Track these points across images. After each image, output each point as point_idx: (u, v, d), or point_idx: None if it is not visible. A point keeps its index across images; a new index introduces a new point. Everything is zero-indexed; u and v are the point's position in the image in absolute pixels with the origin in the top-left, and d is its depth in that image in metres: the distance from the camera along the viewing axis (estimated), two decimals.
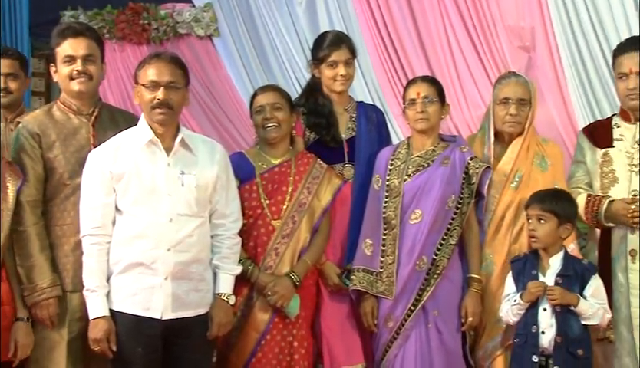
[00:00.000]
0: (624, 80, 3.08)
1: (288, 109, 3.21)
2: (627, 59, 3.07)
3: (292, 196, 3.15)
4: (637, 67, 3.03)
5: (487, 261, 3.22)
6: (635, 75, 3.04)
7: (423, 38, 4.42)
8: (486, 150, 3.30)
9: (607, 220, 3.11)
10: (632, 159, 3.13)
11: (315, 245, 3.17)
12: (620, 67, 3.11)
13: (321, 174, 3.21)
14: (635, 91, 3.05)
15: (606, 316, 2.98)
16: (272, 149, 3.22)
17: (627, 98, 3.11)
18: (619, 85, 3.12)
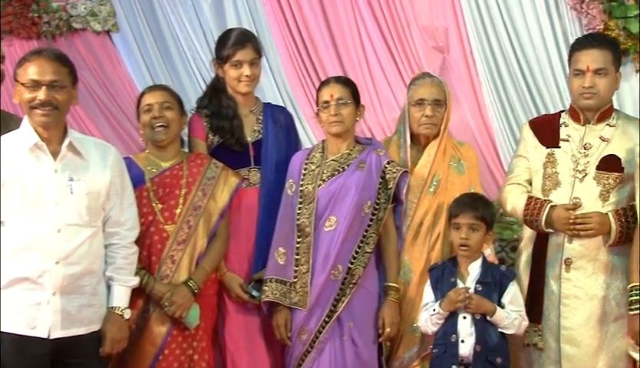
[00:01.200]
0: (579, 77, 3.02)
1: (178, 109, 3.11)
2: (584, 56, 3.01)
3: (186, 199, 3.03)
4: (595, 64, 2.99)
5: (405, 269, 3.18)
6: (591, 73, 3.00)
7: (335, 38, 4.35)
8: (403, 153, 3.26)
9: (546, 226, 3.06)
10: (577, 164, 3.08)
11: (213, 250, 3.06)
12: (577, 63, 3.04)
13: (216, 174, 3.10)
14: (591, 90, 3.01)
15: (523, 323, 2.98)
16: (162, 151, 3.10)
17: (581, 96, 3.05)
18: (574, 82, 3.05)
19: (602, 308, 3.00)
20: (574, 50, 3.06)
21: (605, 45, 3.04)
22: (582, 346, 3.02)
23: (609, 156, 3.03)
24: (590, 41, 3.05)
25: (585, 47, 3.01)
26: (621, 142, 3.03)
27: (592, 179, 3.03)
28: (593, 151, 3.05)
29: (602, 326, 3.01)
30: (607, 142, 3.04)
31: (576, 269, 3.02)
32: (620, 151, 3.02)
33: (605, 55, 3.00)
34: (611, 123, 3.07)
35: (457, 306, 2.91)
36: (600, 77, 2.99)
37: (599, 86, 2.99)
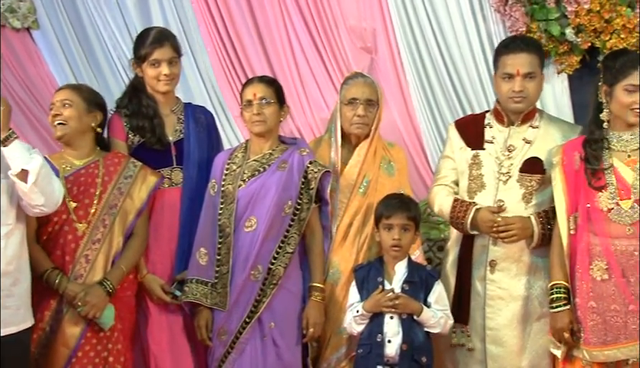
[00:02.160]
0: (508, 81, 3.07)
1: (83, 108, 3.07)
2: (513, 60, 3.05)
3: (101, 198, 3.02)
4: (524, 68, 3.04)
5: (334, 270, 3.20)
6: (521, 77, 3.04)
7: (263, 37, 4.36)
8: (333, 153, 3.29)
9: (472, 228, 3.11)
10: (501, 167, 3.13)
11: (130, 249, 3.05)
12: (505, 67, 3.07)
13: (134, 173, 3.09)
14: (521, 94, 3.06)
15: (449, 322, 3.04)
16: (72, 150, 3.08)
17: (510, 100, 3.09)
18: (502, 85, 3.08)
19: (526, 308, 3.07)
20: (501, 54, 3.09)
21: (533, 49, 3.10)
22: (507, 345, 3.08)
23: (532, 158, 3.09)
24: (518, 44, 3.09)
25: (513, 51, 3.05)
26: (543, 144, 3.10)
27: (516, 181, 3.08)
28: (517, 153, 3.11)
29: (525, 326, 3.07)
30: (530, 144, 3.11)
31: (501, 270, 3.09)
32: (542, 153, 3.08)
33: (532, 59, 3.06)
34: (534, 125, 3.14)
35: (384, 308, 2.95)
36: (529, 80, 3.05)
37: (529, 89, 3.06)
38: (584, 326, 2.84)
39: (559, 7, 3.72)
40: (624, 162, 2.84)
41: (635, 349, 2.76)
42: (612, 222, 2.81)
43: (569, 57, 3.79)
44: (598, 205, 2.83)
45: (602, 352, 2.80)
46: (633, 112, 2.79)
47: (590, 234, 2.84)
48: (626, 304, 2.77)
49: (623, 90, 2.80)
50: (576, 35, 3.69)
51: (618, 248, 2.79)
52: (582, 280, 2.85)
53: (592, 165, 2.85)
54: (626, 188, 2.80)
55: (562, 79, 3.86)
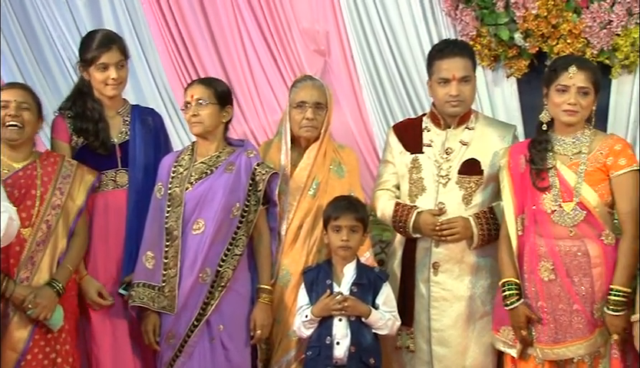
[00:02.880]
0: (444, 86, 3.13)
1: (36, 112, 3.07)
2: (449, 64, 3.11)
3: (43, 199, 3.01)
4: (460, 73, 3.11)
5: (284, 272, 3.22)
6: (457, 81, 3.11)
7: (216, 38, 4.36)
8: (283, 156, 3.31)
9: (414, 231, 3.18)
10: (440, 170, 3.20)
11: (74, 249, 3.06)
12: (441, 72, 3.13)
13: (71, 172, 3.09)
14: (458, 98, 3.12)
15: (396, 324, 3.08)
16: (14, 152, 3.05)
17: (447, 104, 3.15)
18: (439, 90, 3.14)
19: (469, 308, 3.14)
20: (435, 59, 3.15)
21: (466, 53, 3.17)
22: (452, 345, 3.15)
23: (469, 160, 3.16)
24: (452, 49, 3.15)
25: (447, 56, 3.12)
26: (480, 145, 3.17)
27: (455, 183, 3.16)
28: (454, 155, 3.18)
29: (469, 325, 3.15)
30: (467, 146, 3.18)
31: (444, 272, 3.15)
32: (479, 154, 3.16)
33: (466, 63, 3.14)
34: (470, 127, 3.21)
35: (333, 312, 2.98)
36: (464, 84, 3.12)
37: (465, 93, 3.12)
38: (535, 325, 2.92)
39: (508, 12, 3.79)
40: (566, 165, 2.92)
41: (582, 348, 2.85)
42: (555, 224, 2.89)
43: (518, 61, 3.86)
44: (542, 206, 2.91)
45: (553, 350, 2.88)
46: (564, 112, 2.88)
47: (536, 236, 2.92)
48: (571, 304, 2.86)
49: (555, 91, 2.89)
50: (525, 40, 3.76)
51: (562, 249, 2.88)
52: (530, 280, 2.93)
53: (537, 165, 2.93)
54: (568, 190, 2.89)
55: (511, 82, 3.93)
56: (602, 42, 3.60)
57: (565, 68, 2.88)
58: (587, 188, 2.87)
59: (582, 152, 2.91)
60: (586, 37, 3.63)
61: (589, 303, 2.85)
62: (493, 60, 3.94)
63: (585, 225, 2.87)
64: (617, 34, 3.57)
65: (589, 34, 3.62)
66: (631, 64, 3.63)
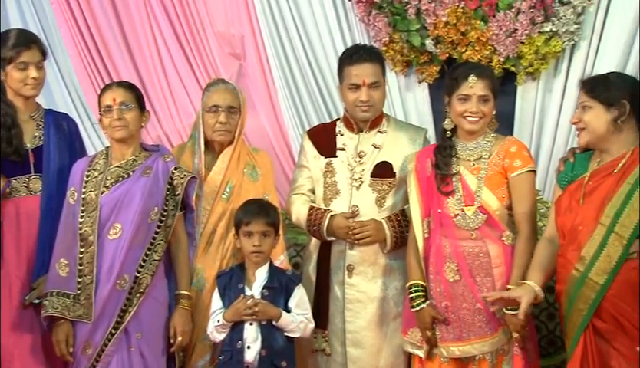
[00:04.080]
0: (355, 91, 3.25)
1: None
2: (358, 70, 3.24)
3: None
4: (369, 78, 3.24)
5: (198, 277, 3.28)
6: (367, 87, 3.24)
7: (129, 40, 4.37)
8: (197, 160, 3.36)
9: (328, 235, 3.29)
10: (354, 173, 3.32)
11: None
12: (351, 78, 3.25)
13: None
14: (368, 103, 3.26)
15: (309, 326, 3.17)
16: None
17: (357, 109, 3.28)
18: (349, 95, 3.27)
19: (382, 309, 3.29)
20: (346, 64, 3.29)
21: (376, 58, 3.33)
22: (366, 347, 3.28)
23: (382, 163, 3.31)
24: (361, 55, 3.29)
25: (357, 62, 3.25)
26: (392, 148, 3.33)
27: (368, 186, 3.30)
28: (367, 158, 3.32)
29: (382, 326, 3.29)
30: (379, 149, 3.33)
31: (358, 274, 3.28)
32: (391, 157, 3.32)
33: (376, 68, 3.29)
34: (382, 130, 3.37)
35: (244, 316, 3.04)
36: (374, 89, 3.27)
37: (375, 98, 3.28)
38: (440, 325, 3.07)
39: (420, 19, 3.94)
40: (469, 170, 3.10)
41: (486, 346, 3.02)
42: (459, 227, 3.06)
43: (429, 67, 4.01)
44: (446, 210, 3.08)
45: (458, 347, 3.04)
46: (466, 120, 3.06)
47: (442, 238, 3.09)
48: (474, 303, 3.03)
49: (457, 100, 3.07)
50: (435, 46, 3.92)
51: (465, 250, 3.04)
52: (436, 281, 3.09)
53: (441, 170, 3.10)
54: (470, 195, 3.06)
55: (422, 88, 4.09)
56: (507, 50, 3.79)
57: (465, 78, 3.05)
58: (487, 192, 3.04)
59: (483, 157, 3.08)
60: (493, 44, 3.82)
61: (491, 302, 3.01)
62: (405, 65, 4.08)
63: (486, 227, 3.04)
64: (522, 43, 3.77)
65: (496, 41, 3.81)
66: (535, 71, 3.84)
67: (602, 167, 2.84)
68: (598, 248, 2.73)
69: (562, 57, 3.82)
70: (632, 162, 2.77)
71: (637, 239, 2.71)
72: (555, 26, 3.72)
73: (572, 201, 2.85)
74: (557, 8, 3.71)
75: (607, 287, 2.71)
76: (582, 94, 2.86)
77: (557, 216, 2.90)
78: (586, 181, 2.84)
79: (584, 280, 2.74)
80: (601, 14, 3.73)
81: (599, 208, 2.76)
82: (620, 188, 2.75)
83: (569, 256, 2.81)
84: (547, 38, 3.75)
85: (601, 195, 2.78)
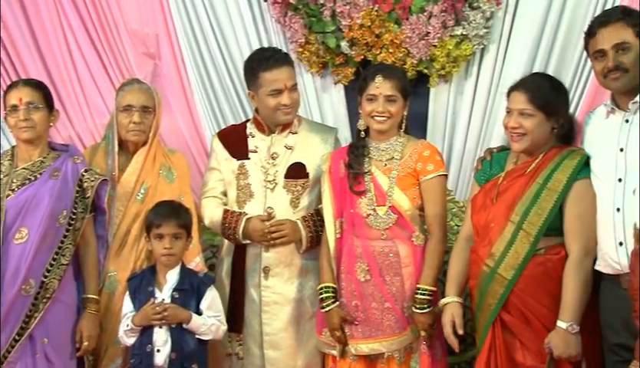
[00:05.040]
0: (276, 96, 3.29)
1: None
2: (277, 75, 3.28)
3: None
4: (290, 81, 3.29)
5: (111, 279, 3.28)
6: (288, 91, 3.28)
7: (38, 39, 4.27)
8: (110, 160, 3.35)
9: (244, 237, 3.31)
10: (267, 175, 3.36)
11: None
12: (271, 84, 3.28)
13: None
14: (290, 106, 3.31)
15: (222, 328, 3.19)
16: None
17: (280, 112, 3.32)
18: (271, 101, 3.29)
19: (299, 310, 3.34)
20: (262, 71, 3.30)
21: (290, 61, 3.38)
22: (283, 348, 3.33)
23: (295, 164, 3.36)
24: (277, 59, 3.33)
25: (275, 66, 3.29)
26: (304, 149, 3.39)
27: (282, 187, 3.34)
28: (280, 160, 3.37)
29: (299, 327, 3.34)
30: (292, 150, 3.38)
31: (274, 276, 3.32)
32: (304, 157, 3.37)
33: (292, 70, 3.35)
34: (293, 131, 3.42)
35: (153, 321, 3.04)
36: (294, 92, 3.33)
37: (296, 100, 3.34)
38: (349, 324, 3.14)
39: (335, 20, 3.98)
40: (381, 170, 3.18)
41: (394, 344, 3.11)
42: (370, 227, 3.14)
43: (345, 68, 4.06)
44: (359, 210, 3.16)
45: (367, 345, 3.12)
46: (374, 120, 3.14)
47: (354, 238, 3.16)
48: (383, 302, 3.11)
49: (366, 100, 3.16)
50: (350, 48, 3.97)
51: (376, 250, 3.12)
52: (347, 280, 3.17)
53: (354, 170, 3.17)
54: (382, 194, 3.15)
55: (338, 89, 4.13)
56: (420, 52, 3.88)
57: (373, 78, 3.14)
58: (399, 192, 3.13)
59: (395, 158, 3.17)
60: (407, 47, 3.90)
61: (400, 301, 3.11)
62: (321, 66, 4.12)
63: (396, 227, 3.13)
64: (434, 46, 3.86)
65: (409, 44, 3.89)
66: (447, 73, 3.93)
67: (516, 167, 2.96)
68: (508, 244, 2.86)
69: (473, 60, 3.92)
70: (543, 163, 2.90)
71: (544, 236, 2.83)
72: (466, 30, 3.83)
73: (487, 199, 2.96)
74: (467, 12, 3.81)
75: (514, 282, 2.83)
76: (521, 100, 2.90)
77: (472, 214, 3.02)
78: (501, 180, 2.96)
79: (493, 275, 2.86)
80: (508, 18, 3.85)
81: (510, 207, 2.88)
82: (530, 187, 2.87)
83: (481, 252, 2.92)
84: (458, 42, 3.85)
85: (512, 193, 2.90)
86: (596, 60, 2.82)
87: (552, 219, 2.83)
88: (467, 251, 3.01)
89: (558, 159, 2.89)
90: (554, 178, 2.86)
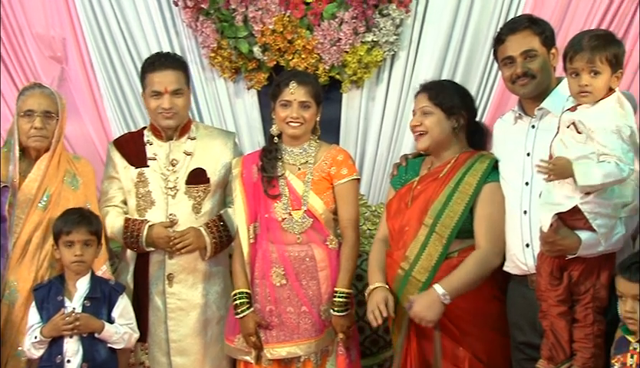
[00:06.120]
0: (157, 98, 3.27)
1: None
2: (160, 77, 3.28)
3: None
4: (172, 86, 3.26)
5: (11, 289, 3.17)
6: (169, 94, 3.26)
7: None
8: (12, 167, 3.23)
9: (147, 245, 3.28)
10: (168, 182, 3.33)
11: None
12: (153, 85, 3.28)
13: None
14: (171, 110, 3.28)
15: (134, 336, 3.15)
16: None
17: (160, 116, 3.30)
18: (152, 102, 3.28)
19: (205, 315, 3.33)
20: (148, 72, 3.32)
21: (179, 66, 3.37)
22: (191, 354, 3.31)
23: (196, 170, 3.36)
24: (163, 62, 3.34)
25: (159, 69, 3.30)
26: (204, 154, 3.38)
27: (184, 193, 3.33)
28: (180, 166, 3.36)
29: (206, 332, 3.33)
30: (191, 156, 3.37)
31: (178, 283, 3.30)
32: (204, 163, 3.37)
33: (179, 75, 3.34)
34: (192, 137, 3.41)
35: (64, 331, 2.97)
36: (177, 97, 3.31)
37: (178, 105, 3.31)
38: (264, 329, 3.14)
39: (247, 26, 3.98)
40: (295, 175, 3.20)
41: (311, 347, 3.13)
42: (285, 231, 3.15)
43: (258, 74, 4.06)
44: (274, 214, 3.16)
45: (284, 348, 3.12)
46: (288, 125, 3.17)
47: (268, 243, 3.16)
48: (299, 306, 3.13)
49: (280, 106, 3.17)
50: (263, 53, 3.97)
51: (292, 254, 3.14)
52: (262, 285, 3.16)
53: (268, 173, 3.18)
54: (297, 198, 3.16)
55: (252, 94, 4.13)
56: (332, 58, 3.92)
57: (287, 84, 3.16)
58: (314, 196, 3.16)
59: (309, 162, 3.20)
60: (319, 53, 3.93)
61: (317, 304, 3.14)
62: (234, 72, 4.10)
63: (311, 231, 3.15)
64: (345, 52, 3.91)
65: (321, 50, 3.92)
66: (359, 79, 3.98)
67: (429, 172, 3.02)
68: (421, 247, 2.91)
69: (384, 66, 3.98)
70: (455, 167, 2.97)
71: (456, 239, 2.89)
72: (376, 36, 3.88)
73: (402, 204, 3.01)
74: (377, 19, 3.87)
75: (428, 284, 2.87)
76: (423, 99, 3.01)
77: (388, 218, 3.06)
78: (415, 185, 3.02)
79: (408, 278, 2.90)
80: (417, 25, 3.93)
81: (424, 210, 2.93)
82: (442, 191, 2.93)
83: (395, 256, 2.96)
84: (369, 48, 3.91)
85: (426, 197, 2.95)
86: (505, 66, 2.91)
87: (464, 221, 2.90)
88: (384, 252, 3.05)
89: (469, 163, 2.97)
90: (465, 181, 2.93)
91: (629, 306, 2.42)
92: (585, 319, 2.60)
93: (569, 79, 2.59)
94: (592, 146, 2.50)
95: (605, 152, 2.47)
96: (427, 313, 2.79)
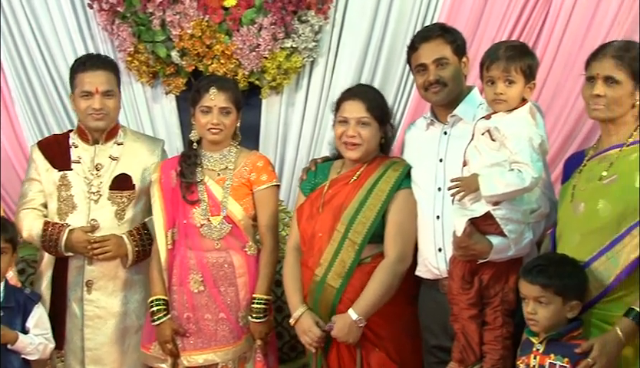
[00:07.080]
0: (87, 98, 3.22)
1: None
2: (90, 77, 3.22)
3: None
4: (103, 86, 3.22)
5: None
6: (100, 95, 3.22)
7: None
8: None
9: (67, 250, 3.21)
10: (91, 186, 3.28)
11: None
12: (83, 85, 3.23)
13: None
14: (102, 111, 3.23)
15: (49, 347, 3.10)
16: None
17: (90, 117, 3.25)
18: (82, 103, 3.23)
19: (124, 323, 3.29)
20: (78, 72, 3.27)
21: (110, 67, 3.33)
22: (107, 363, 3.27)
23: (121, 175, 3.32)
24: (94, 62, 3.29)
25: (90, 69, 3.25)
26: (130, 160, 3.35)
27: (107, 199, 3.29)
28: (105, 171, 3.31)
29: (124, 341, 3.29)
30: (117, 161, 3.33)
31: (97, 290, 3.25)
32: (130, 169, 3.33)
33: (110, 77, 3.29)
34: (119, 141, 3.37)
35: None
36: (108, 98, 3.27)
37: (109, 106, 3.28)
38: (180, 336, 3.12)
39: (165, 30, 3.95)
40: (214, 180, 3.20)
41: (229, 354, 3.13)
42: (204, 237, 3.14)
43: (176, 78, 4.04)
44: (192, 220, 3.16)
45: (201, 356, 3.12)
46: (209, 131, 3.16)
47: (187, 249, 3.15)
48: (217, 313, 3.13)
49: (200, 112, 3.16)
50: (181, 58, 3.95)
51: (210, 261, 3.13)
52: (180, 292, 3.15)
53: (186, 179, 3.17)
54: (216, 204, 3.16)
55: (170, 99, 4.10)
56: (251, 64, 3.93)
57: (207, 90, 3.15)
58: (233, 202, 3.16)
59: (229, 168, 3.20)
60: (238, 58, 3.93)
61: (235, 311, 3.14)
62: (151, 76, 4.07)
63: (230, 237, 3.15)
64: (265, 57, 3.92)
65: (240, 55, 3.93)
66: (278, 85, 4.01)
67: (340, 176, 3.05)
68: (334, 253, 2.93)
69: (303, 72, 4.02)
70: (367, 172, 3.00)
71: (369, 244, 2.93)
72: (296, 42, 3.91)
73: (313, 209, 3.03)
74: (297, 25, 3.90)
75: (342, 290, 2.90)
76: (359, 109, 2.96)
77: (299, 223, 3.07)
78: (326, 189, 3.04)
79: (323, 285, 2.92)
80: (336, 32, 3.98)
81: (337, 216, 2.95)
82: (355, 196, 2.96)
83: (310, 263, 2.98)
84: (288, 54, 3.93)
85: (338, 202, 2.98)
86: (418, 73, 2.98)
87: (376, 227, 2.93)
88: (299, 262, 3.06)
89: (382, 169, 3.01)
90: (378, 188, 2.97)
91: (531, 307, 2.51)
92: (495, 321, 2.68)
93: (485, 87, 2.67)
94: (504, 153, 2.60)
95: (516, 159, 2.56)
96: (347, 337, 2.85)
